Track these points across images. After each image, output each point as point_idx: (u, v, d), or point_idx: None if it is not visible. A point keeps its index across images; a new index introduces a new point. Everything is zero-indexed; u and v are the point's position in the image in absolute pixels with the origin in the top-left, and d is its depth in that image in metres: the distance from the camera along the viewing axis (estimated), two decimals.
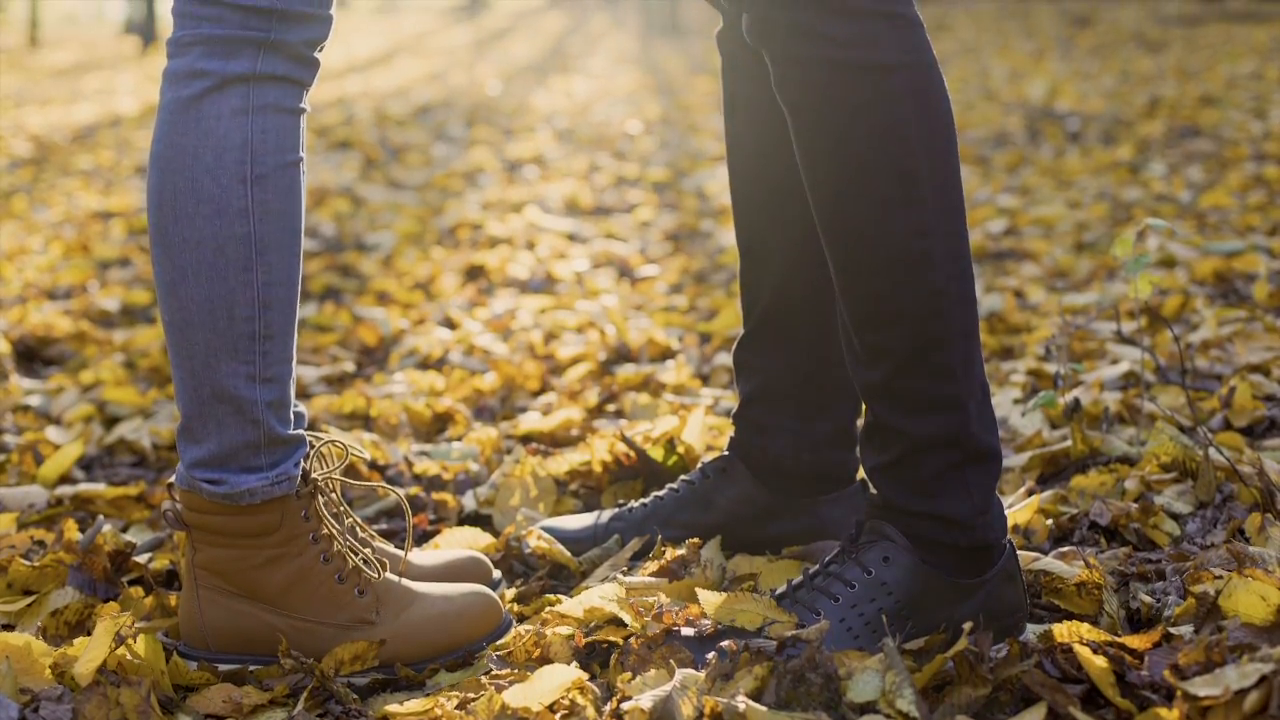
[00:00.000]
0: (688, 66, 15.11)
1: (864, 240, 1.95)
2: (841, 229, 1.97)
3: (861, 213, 1.94)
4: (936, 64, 1.96)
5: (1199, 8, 21.14)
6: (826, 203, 1.97)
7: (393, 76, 15.41)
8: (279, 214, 1.93)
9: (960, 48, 15.25)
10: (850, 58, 1.91)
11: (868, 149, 1.92)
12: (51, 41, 26.23)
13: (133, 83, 15.24)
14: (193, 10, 1.91)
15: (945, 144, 1.96)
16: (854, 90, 1.92)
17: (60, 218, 6.55)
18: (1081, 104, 9.42)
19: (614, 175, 7.40)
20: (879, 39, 1.91)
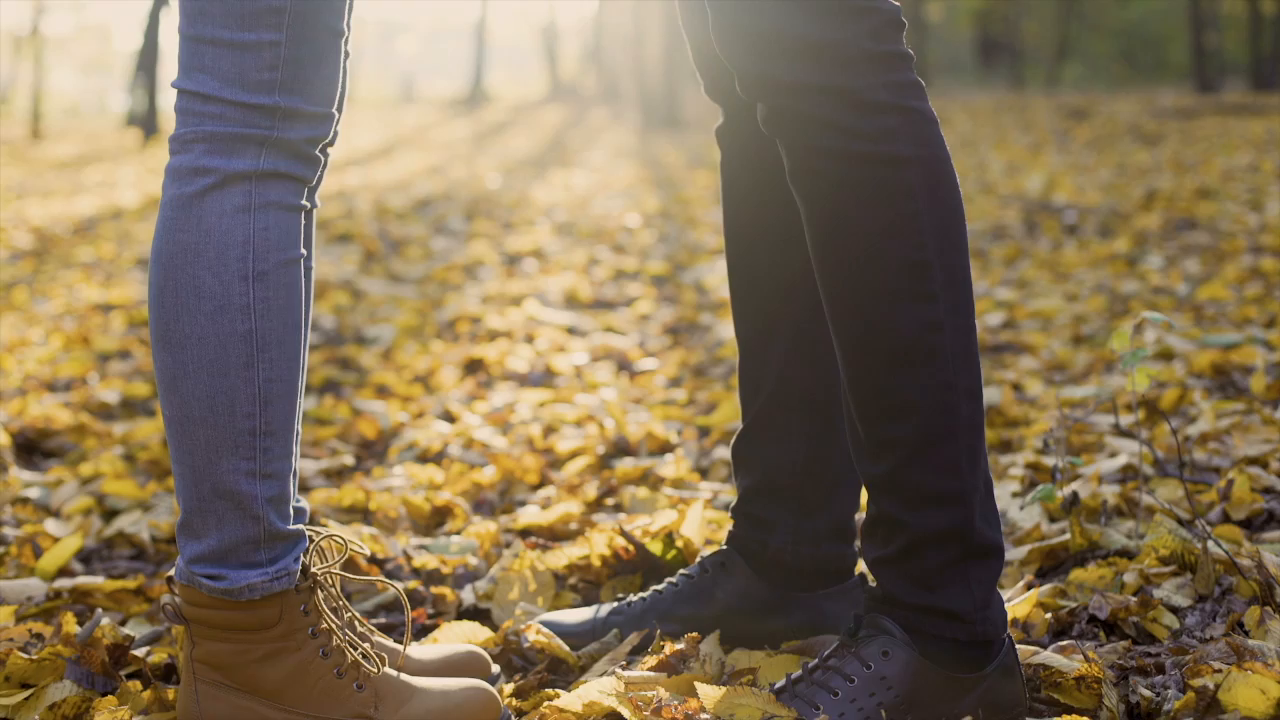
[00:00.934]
0: (686, 160, 15.19)
1: (873, 332, 1.96)
2: (851, 320, 1.97)
3: (872, 304, 1.95)
4: (949, 159, 1.98)
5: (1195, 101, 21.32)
6: (837, 293, 1.98)
7: (393, 170, 15.49)
8: (280, 311, 1.93)
9: (958, 141, 15.34)
10: (866, 150, 1.92)
11: (880, 241, 1.94)
12: (54, 133, 26.39)
13: (134, 175, 15.32)
14: (195, 107, 1.93)
15: (956, 238, 1.97)
16: (868, 182, 1.93)
17: (61, 310, 6.56)
18: (1079, 197, 9.47)
19: (613, 269, 7.42)
20: (895, 132, 1.93)
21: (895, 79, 1.94)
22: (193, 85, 1.92)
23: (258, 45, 1.90)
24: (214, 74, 1.91)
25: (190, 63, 1.93)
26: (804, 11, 1.91)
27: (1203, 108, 19.22)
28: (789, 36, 1.91)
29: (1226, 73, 29.77)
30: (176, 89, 1.95)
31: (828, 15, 1.90)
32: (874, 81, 1.92)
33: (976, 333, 1.98)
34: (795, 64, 1.91)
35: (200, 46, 1.92)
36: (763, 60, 1.94)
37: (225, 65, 1.91)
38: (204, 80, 1.91)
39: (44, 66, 31.48)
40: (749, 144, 2.29)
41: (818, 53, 1.91)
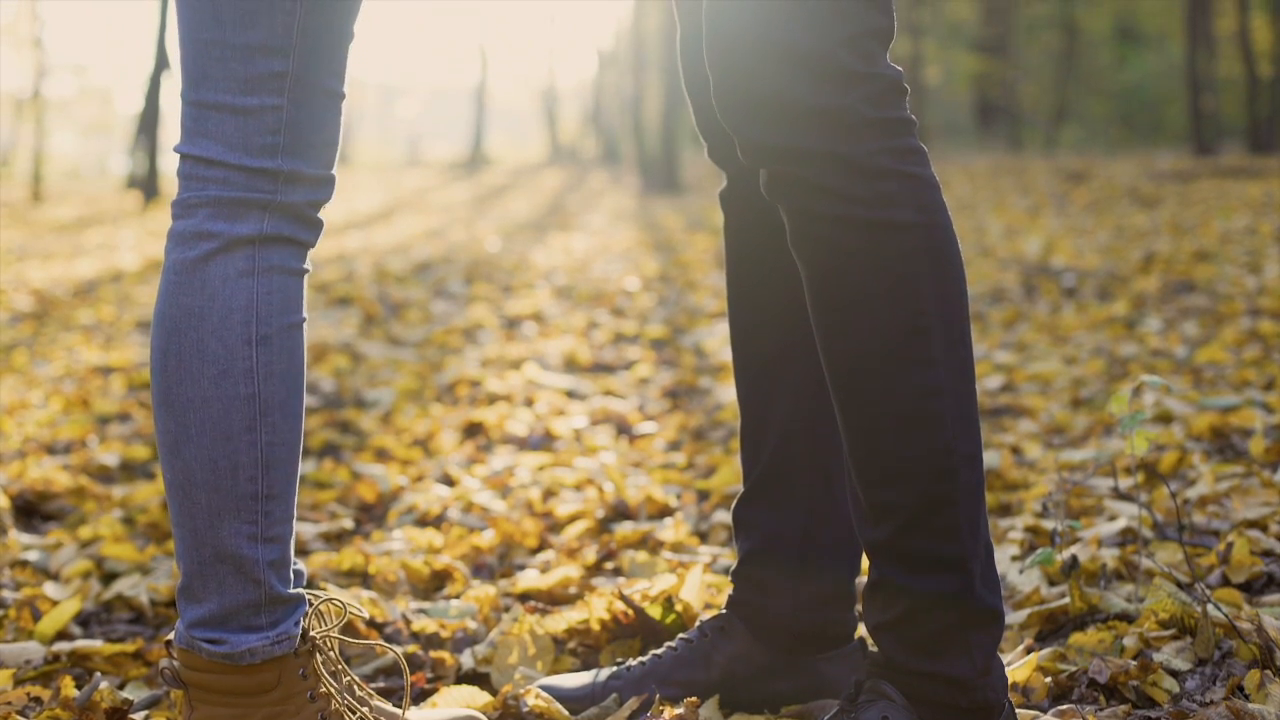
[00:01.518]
0: (685, 224, 15.22)
1: (874, 398, 1.96)
2: (852, 386, 1.98)
3: (871, 370, 1.96)
4: (950, 225, 1.99)
5: (1193, 164, 21.37)
6: (837, 358, 1.99)
7: (393, 232, 15.53)
8: (283, 375, 1.94)
9: (957, 204, 15.38)
10: (867, 216, 1.93)
11: (881, 306, 1.94)
12: (55, 196, 26.48)
13: (134, 238, 15.35)
14: (199, 172, 1.94)
15: (957, 304, 1.98)
16: (869, 248, 1.94)
17: (61, 372, 6.57)
18: (1077, 260, 9.49)
19: (612, 332, 7.43)
20: (896, 198, 1.94)
21: (896, 145, 1.95)
22: (196, 150, 1.94)
23: (260, 110, 1.92)
24: (217, 139, 1.92)
25: (193, 128, 1.95)
26: (804, 78, 1.92)
27: (1200, 170, 19.27)
28: (789, 103, 1.92)
29: (1224, 136, 29.83)
30: (179, 154, 1.96)
31: (828, 81, 1.92)
32: (874, 147, 1.93)
33: (976, 397, 1.99)
34: (795, 130, 1.93)
35: (203, 112, 1.93)
36: (763, 126, 1.95)
37: (228, 130, 1.92)
38: (207, 145, 1.93)
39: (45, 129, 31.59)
40: (753, 208, 2.30)
41: (818, 119, 1.92)
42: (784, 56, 1.93)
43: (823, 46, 1.92)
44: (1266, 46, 29.42)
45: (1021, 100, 38.65)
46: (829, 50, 1.92)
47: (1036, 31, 41.27)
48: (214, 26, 1.92)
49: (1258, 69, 26.97)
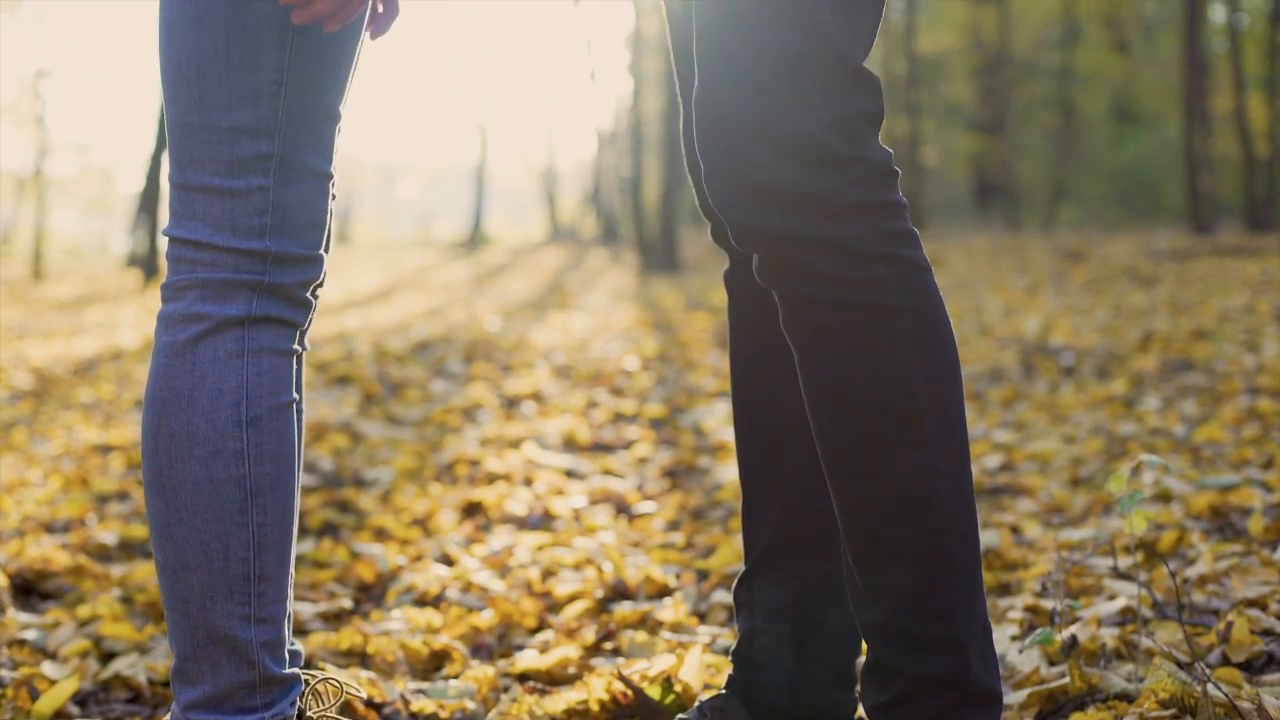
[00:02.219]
0: (685, 303, 15.25)
1: (866, 479, 1.97)
2: (845, 468, 1.98)
3: (865, 453, 1.96)
4: (943, 307, 2.00)
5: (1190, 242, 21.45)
6: (830, 441, 1.99)
7: (393, 312, 15.56)
8: (274, 455, 1.95)
9: (955, 283, 15.42)
10: (857, 299, 1.94)
11: (872, 389, 1.95)
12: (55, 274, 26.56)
13: (134, 316, 15.39)
14: (188, 254, 1.95)
15: (949, 386, 1.99)
16: (860, 331, 1.95)
17: (60, 451, 6.57)
18: (1075, 339, 9.50)
19: (611, 411, 7.44)
20: (886, 281, 1.95)
21: (887, 228, 1.96)
22: (185, 233, 1.95)
23: (247, 191, 1.93)
24: (205, 221, 1.94)
25: (182, 210, 1.96)
26: (794, 162, 1.93)
27: (1198, 249, 19.34)
28: (779, 187, 1.94)
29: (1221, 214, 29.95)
30: (169, 237, 1.98)
31: (817, 165, 1.93)
32: (865, 231, 1.94)
33: (972, 477, 1.99)
34: (786, 215, 1.94)
35: (191, 194, 1.95)
36: (754, 212, 1.96)
37: (216, 212, 1.94)
38: (196, 227, 1.94)
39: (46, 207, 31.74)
40: (756, 288, 2.31)
41: (808, 203, 1.93)
42: (773, 141, 1.94)
43: (811, 131, 1.94)
44: (1263, 125, 29.58)
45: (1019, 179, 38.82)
46: (818, 134, 1.94)
47: (1034, 111, 41.49)
48: (200, 110, 1.94)
49: (1254, 148, 27.11)
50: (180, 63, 1.95)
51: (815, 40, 1.97)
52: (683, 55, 2.30)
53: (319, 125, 1.99)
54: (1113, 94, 42.00)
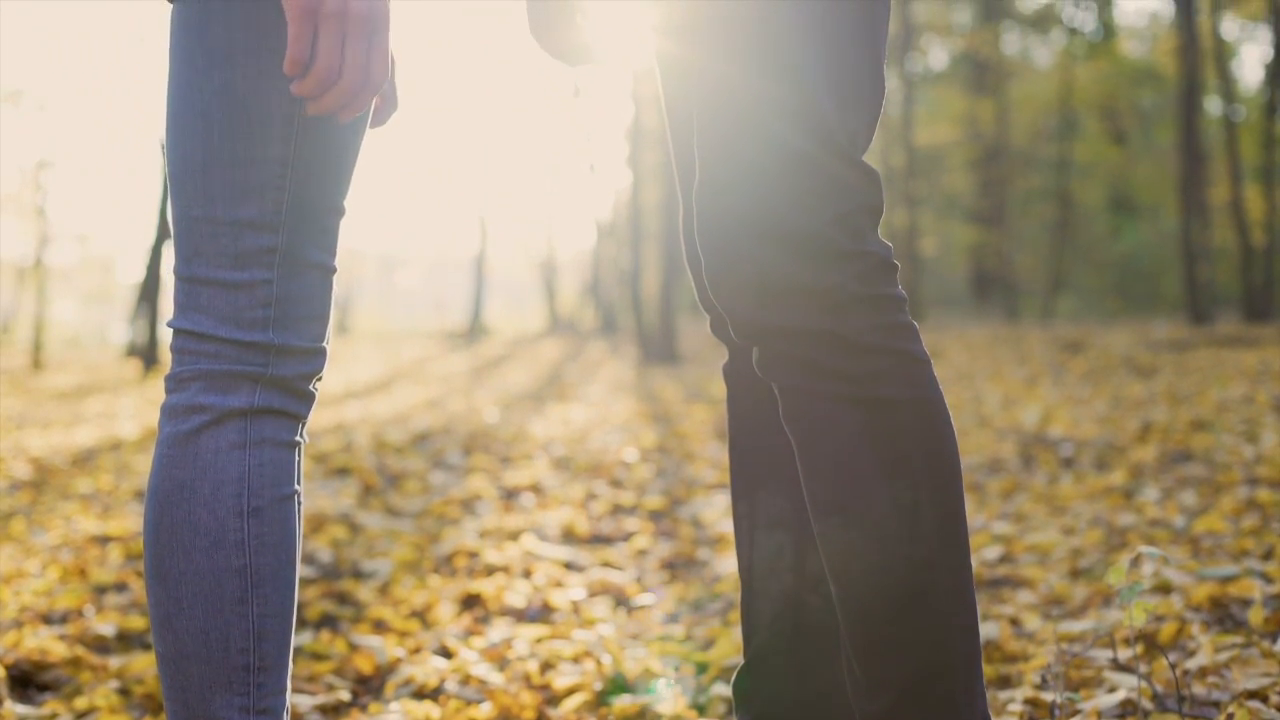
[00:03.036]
0: (684, 395, 15.26)
1: (866, 572, 1.97)
2: (844, 560, 1.99)
3: (863, 545, 1.97)
4: (942, 400, 2.01)
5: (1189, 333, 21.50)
6: (829, 534, 2.00)
7: (392, 403, 15.57)
8: (275, 547, 1.95)
9: (954, 374, 15.44)
10: (857, 393, 1.96)
11: (871, 483, 1.96)
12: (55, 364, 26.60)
13: (134, 406, 15.39)
14: (191, 346, 1.97)
15: (948, 479, 1.99)
16: (858, 424, 1.96)
17: (58, 541, 6.55)
18: (1075, 430, 9.50)
19: (610, 503, 7.43)
20: (885, 375, 1.96)
21: (886, 321, 1.97)
22: (189, 325, 1.97)
23: (251, 284, 1.95)
24: (209, 313, 1.95)
25: (186, 302, 1.98)
26: (794, 257, 1.95)
27: (1196, 340, 19.38)
28: (779, 281, 1.95)
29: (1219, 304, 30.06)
30: (173, 329, 1.99)
31: (818, 260, 1.95)
32: (865, 324, 1.96)
33: (972, 569, 2.00)
34: (786, 308, 1.95)
35: (195, 287, 1.96)
36: (754, 305, 1.98)
37: (220, 304, 1.95)
38: (200, 319, 1.96)
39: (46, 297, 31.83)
40: (755, 382, 2.32)
41: (808, 297, 1.94)
42: (773, 235, 1.96)
43: (812, 225, 1.95)
44: (1260, 215, 29.71)
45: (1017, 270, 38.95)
46: (818, 229, 1.95)
47: (1031, 202, 41.69)
48: (205, 203, 1.96)
49: (1251, 238, 27.23)
50: (186, 157, 1.97)
51: (816, 135, 1.99)
52: (683, 149, 2.32)
53: (322, 219, 2.01)
54: (1110, 185, 42.24)
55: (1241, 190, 27.34)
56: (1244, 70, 38.90)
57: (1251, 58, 38.60)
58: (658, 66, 2.40)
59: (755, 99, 2.01)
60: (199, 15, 1.96)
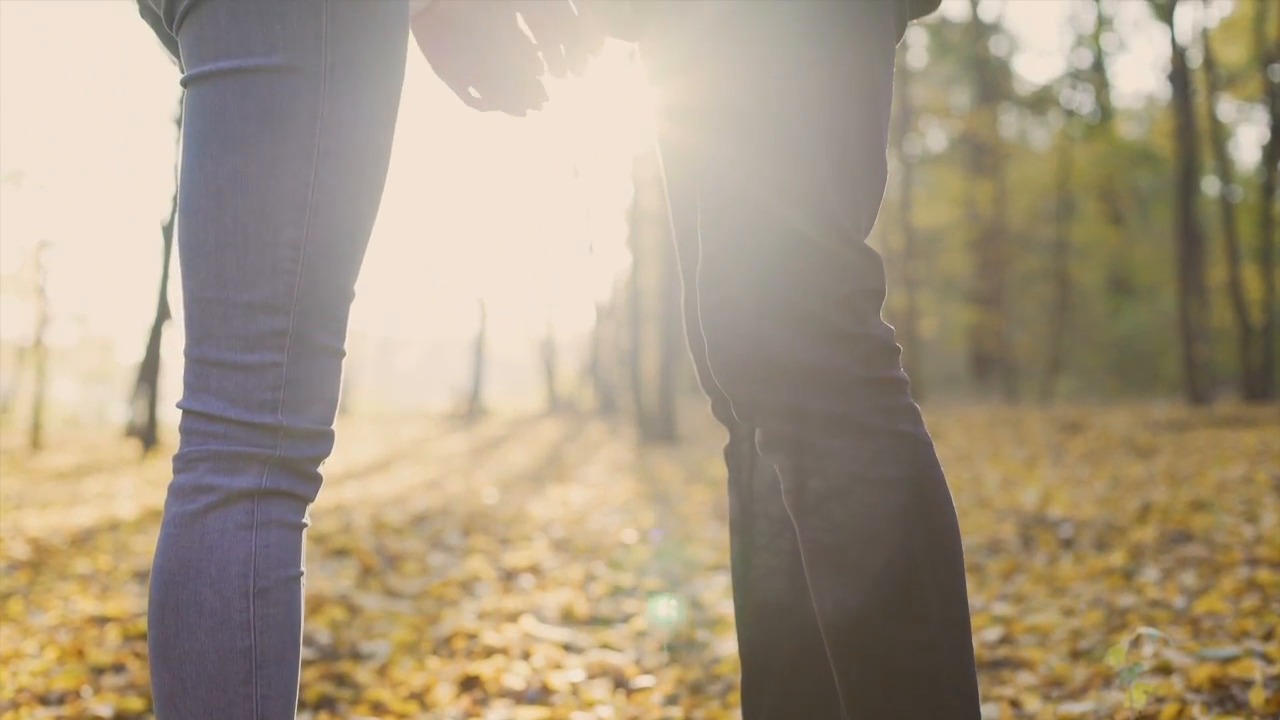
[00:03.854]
0: (683, 475, 15.25)
1: (868, 653, 1.97)
2: (846, 641, 1.99)
3: (865, 627, 1.97)
4: (943, 481, 2.02)
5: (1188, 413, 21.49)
6: (831, 615, 2.00)
7: (391, 484, 15.55)
8: (280, 628, 1.95)
9: (954, 455, 15.43)
10: (859, 473, 1.97)
11: (874, 563, 1.96)
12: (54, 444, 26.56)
13: (132, 486, 15.37)
14: (200, 427, 1.98)
15: (950, 560, 2.00)
16: (861, 505, 1.97)
17: (56, 622, 6.54)
18: (1074, 510, 9.49)
19: (610, 585, 7.41)
20: (887, 455, 1.97)
21: (889, 403, 1.99)
22: (198, 405, 1.98)
23: (260, 366, 1.97)
24: (219, 394, 1.97)
25: (195, 383, 1.99)
26: (796, 339, 1.96)
27: (1196, 420, 19.38)
28: (782, 363, 1.96)
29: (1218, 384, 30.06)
30: (181, 409, 2.00)
31: (821, 341, 1.96)
32: (866, 407, 1.97)
33: (973, 651, 2.00)
34: (789, 390, 1.96)
35: (205, 368, 1.98)
36: (757, 386, 1.99)
37: (229, 386, 1.97)
38: (209, 401, 1.97)
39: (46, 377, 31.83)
40: (756, 463, 2.33)
41: (810, 379, 1.96)
42: (776, 317, 1.98)
43: (815, 307, 1.97)
44: (1258, 295, 29.78)
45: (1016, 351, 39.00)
46: (821, 311, 1.97)
47: (1030, 284, 41.79)
48: (216, 286, 1.98)
49: (1250, 318, 27.27)
50: (199, 239, 1.99)
51: (819, 217, 2.01)
52: (685, 231, 2.34)
53: (333, 303, 2.03)
54: (1108, 266, 42.35)
55: (1239, 270, 27.41)
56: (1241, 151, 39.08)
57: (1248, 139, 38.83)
58: (659, 148, 2.42)
59: (758, 181, 2.03)
60: (214, 99, 1.99)
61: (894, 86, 2.10)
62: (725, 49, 2.09)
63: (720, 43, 2.10)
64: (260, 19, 1.97)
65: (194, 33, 2.02)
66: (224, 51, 1.98)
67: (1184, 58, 26.92)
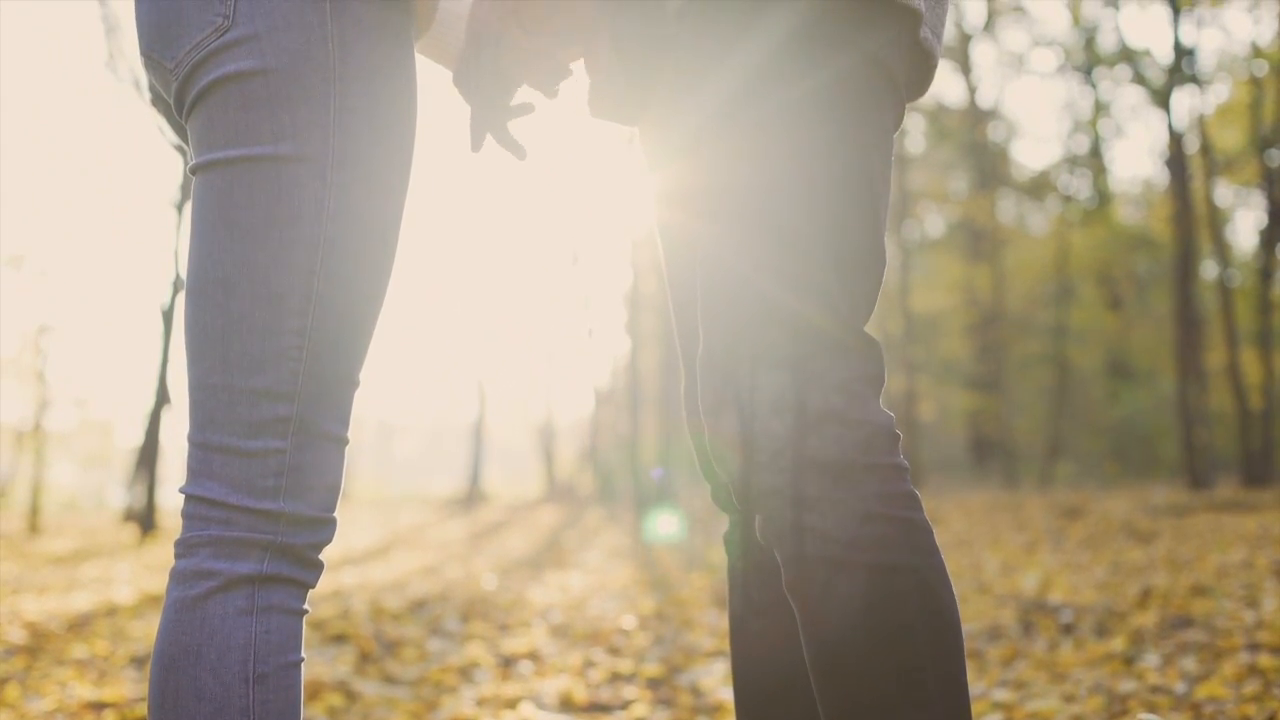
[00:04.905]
0: (682, 561, 15.22)
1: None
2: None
3: (866, 713, 1.97)
4: (944, 567, 2.03)
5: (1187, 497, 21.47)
6: (832, 701, 2.00)
7: (389, 569, 15.51)
8: (279, 713, 1.95)
9: (953, 540, 15.40)
10: (860, 559, 1.97)
11: (875, 649, 1.96)
12: (52, 528, 26.51)
13: (130, 571, 15.33)
14: (202, 512, 1.99)
15: (951, 646, 2.00)
16: (862, 591, 1.97)
17: (53, 707, 6.51)
18: (1074, 596, 9.47)
19: (609, 671, 7.39)
20: (889, 543, 1.98)
21: (889, 490, 1.99)
22: (200, 491, 1.99)
23: (264, 453, 1.98)
24: (222, 480, 1.98)
25: (198, 469, 2.00)
26: (796, 425, 1.97)
27: (1195, 504, 19.35)
28: (781, 450, 1.97)
29: (1218, 468, 30.01)
30: (184, 494, 2.01)
31: (820, 428, 1.97)
32: (866, 493, 1.98)
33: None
34: (788, 477, 1.97)
35: (209, 454, 1.99)
36: (757, 472, 2.00)
37: (232, 471, 1.98)
38: (211, 486, 1.98)
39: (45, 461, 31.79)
40: (756, 549, 2.33)
41: (810, 465, 1.97)
42: (776, 404, 1.99)
43: (813, 394, 1.98)
44: (1257, 379, 29.79)
45: (1016, 435, 38.98)
46: (821, 397, 1.98)
47: (1029, 368, 41.82)
48: (221, 371, 1.99)
49: (1249, 402, 27.27)
50: (206, 325, 2.01)
51: (818, 304, 2.02)
52: (685, 318, 2.35)
53: (338, 390, 2.04)
54: (1107, 350, 42.40)
55: (1238, 354, 27.44)
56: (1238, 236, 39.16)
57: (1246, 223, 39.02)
58: (659, 234, 2.44)
59: (757, 268, 2.04)
60: (222, 186, 2.01)
61: (893, 172, 2.12)
62: (724, 135, 2.11)
63: (719, 129, 2.12)
64: (269, 108, 1.99)
65: (203, 120, 2.04)
66: (233, 139, 2.01)
67: (1181, 143, 27.06)
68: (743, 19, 2.12)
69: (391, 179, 2.07)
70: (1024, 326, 41.65)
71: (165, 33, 2.07)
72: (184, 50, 2.05)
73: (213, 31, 2.02)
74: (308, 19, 2.00)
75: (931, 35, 2.26)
